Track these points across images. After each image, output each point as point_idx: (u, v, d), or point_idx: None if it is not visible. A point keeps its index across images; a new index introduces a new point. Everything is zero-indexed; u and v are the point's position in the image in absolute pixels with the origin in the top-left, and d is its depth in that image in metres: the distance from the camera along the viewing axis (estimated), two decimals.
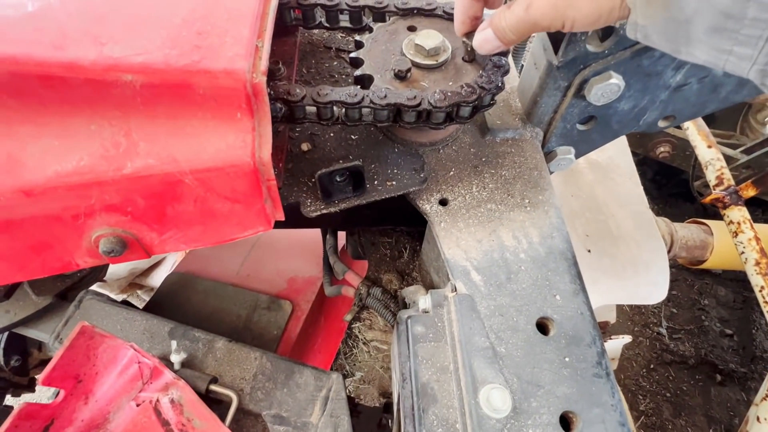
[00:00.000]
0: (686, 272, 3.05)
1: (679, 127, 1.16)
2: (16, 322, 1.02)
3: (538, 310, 0.63)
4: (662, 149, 2.08)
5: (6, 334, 1.22)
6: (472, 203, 0.73)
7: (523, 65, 0.92)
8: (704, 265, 1.33)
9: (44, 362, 1.44)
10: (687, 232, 1.29)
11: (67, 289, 1.08)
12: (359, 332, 2.34)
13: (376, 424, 1.32)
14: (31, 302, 1.04)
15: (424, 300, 0.66)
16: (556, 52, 0.68)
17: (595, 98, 0.69)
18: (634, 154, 2.85)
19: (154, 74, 0.52)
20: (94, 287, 1.68)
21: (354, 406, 1.30)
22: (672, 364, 2.68)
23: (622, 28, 0.62)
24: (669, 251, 1.29)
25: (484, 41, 0.60)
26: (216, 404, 0.84)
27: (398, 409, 0.63)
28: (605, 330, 1.37)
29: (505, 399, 0.55)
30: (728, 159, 2.01)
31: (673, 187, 2.92)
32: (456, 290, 0.65)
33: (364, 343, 2.32)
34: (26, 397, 0.63)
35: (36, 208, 0.54)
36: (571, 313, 0.63)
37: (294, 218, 0.71)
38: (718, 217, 2.66)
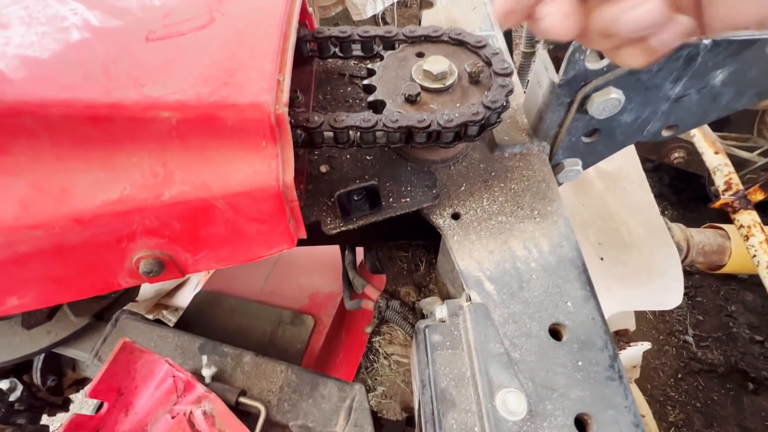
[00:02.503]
0: (711, 278, 2.98)
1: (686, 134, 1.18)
2: (58, 342, 1.08)
3: (550, 316, 0.66)
4: (677, 155, 2.08)
5: (42, 356, 1.29)
6: (484, 216, 0.76)
7: (529, 81, 0.96)
8: (723, 270, 1.32)
9: (78, 382, 1.51)
10: (703, 237, 1.29)
11: (103, 310, 1.14)
12: (380, 347, 2.36)
13: None
14: (70, 323, 1.10)
15: (440, 310, 0.69)
16: (557, 70, 0.72)
17: (597, 112, 0.73)
18: (648, 160, 2.86)
19: (188, 110, 0.58)
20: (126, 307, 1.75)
21: (377, 420, 1.32)
22: (701, 373, 2.62)
23: None
24: (686, 257, 1.29)
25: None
26: (245, 416, 0.88)
27: (419, 415, 0.66)
28: (625, 337, 1.37)
29: (521, 402, 0.58)
30: (746, 162, 2.00)
31: (691, 192, 2.89)
32: (470, 300, 0.68)
33: (384, 357, 2.34)
34: (74, 408, 0.68)
35: (85, 234, 0.59)
36: (582, 318, 0.66)
37: (315, 236, 0.75)
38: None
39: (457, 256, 0.72)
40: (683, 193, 2.96)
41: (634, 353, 1.17)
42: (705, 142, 1.10)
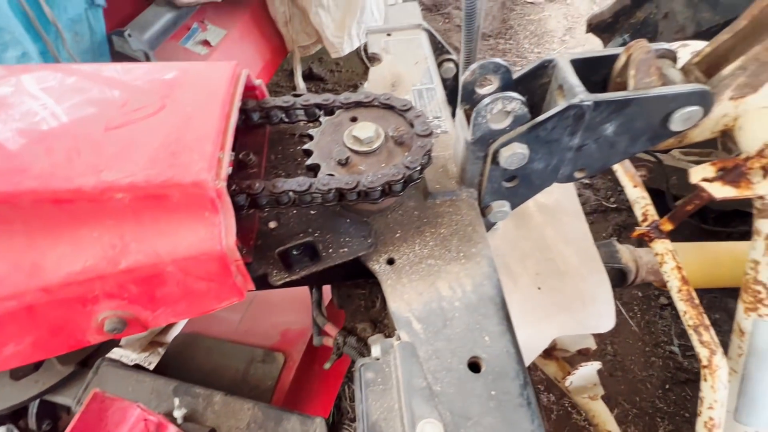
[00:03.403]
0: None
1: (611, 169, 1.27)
2: (45, 390, 1.16)
3: (470, 351, 0.74)
4: (640, 173, 2.16)
5: (37, 402, 1.36)
6: (415, 260, 0.85)
7: None
8: None
9: None
10: (651, 257, 1.37)
11: (87, 357, 1.22)
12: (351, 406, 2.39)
13: None
14: (56, 371, 1.18)
15: (375, 348, 0.78)
16: (469, 129, 0.82)
17: (507, 164, 0.82)
18: (616, 182, 2.94)
19: (139, 191, 0.68)
20: (120, 346, 1.83)
21: None
22: (688, 383, 2.65)
23: (513, 111, 0.76)
24: (636, 277, 1.37)
25: None
26: None
27: None
28: (587, 356, 1.43)
29: (438, 430, 0.66)
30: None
31: (659, 209, 2.97)
32: (400, 338, 0.76)
33: (351, 421, 2.37)
34: None
35: (53, 300, 0.69)
36: (498, 351, 0.74)
37: (265, 284, 0.84)
38: (720, 237, 2.68)
39: (390, 299, 0.80)
40: (657, 210, 3.04)
41: (588, 372, 1.24)
42: (626, 176, 1.20)
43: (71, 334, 0.73)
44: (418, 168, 0.80)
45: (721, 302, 2.95)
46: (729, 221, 2.70)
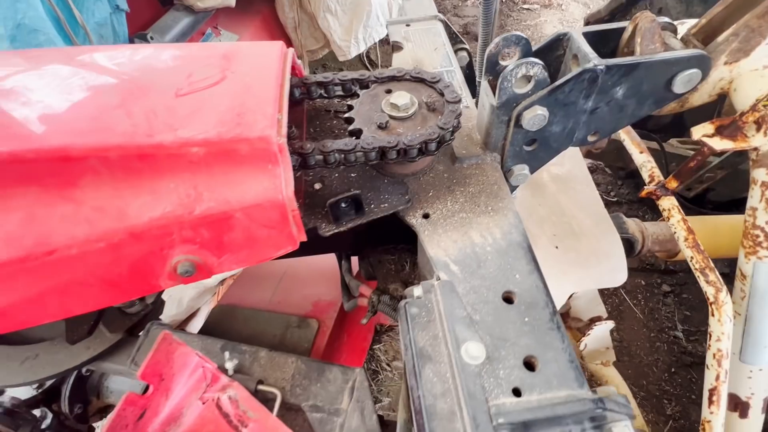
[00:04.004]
0: (694, 276, 3.13)
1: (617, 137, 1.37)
2: (96, 356, 1.24)
3: (503, 286, 0.83)
4: None
5: (70, 384, 1.42)
6: (448, 214, 0.94)
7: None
8: (679, 257, 1.49)
9: (101, 410, 1.65)
10: (657, 228, 1.47)
11: (133, 326, 1.30)
12: (383, 355, 2.48)
13: None
14: (106, 338, 1.26)
15: (417, 289, 0.86)
16: (494, 95, 0.92)
17: (529, 126, 0.92)
18: (619, 168, 3.06)
19: (212, 145, 0.77)
20: None
21: (383, 422, 1.45)
22: (693, 366, 2.73)
23: (535, 76, 0.86)
24: (642, 247, 1.47)
25: None
26: (263, 401, 1.03)
27: (404, 371, 0.82)
28: (597, 322, 1.52)
29: (481, 349, 0.74)
30: (704, 163, 2.20)
31: None
32: (439, 279, 0.85)
33: (387, 365, 2.46)
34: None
35: (136, 244, 0.77)
36: (528, 286, 0.83)
37: (315, 243, 0.93)
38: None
39: (428, 247, 0.90)
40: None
41: (601, 333, 1.33)
42: (632, 144, 1.30)
43: (147, 277, 0.82)
44: (451, 129, 0.90)
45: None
46: (727, 210, 2.81)
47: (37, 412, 1.48)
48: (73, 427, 1.59)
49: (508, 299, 0.82)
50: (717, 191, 2.55)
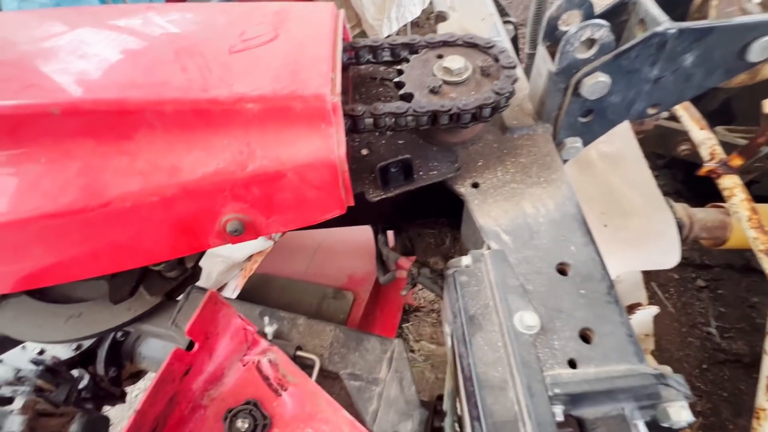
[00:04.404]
0: (732, 270, 3.02)
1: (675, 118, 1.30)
2: (137, 317, 1.26)
3: (557, 257, 0.80)
4: (683, 147, 2.18)
5: (106, 348, 1.46)
6: (498, 184, 0.92)
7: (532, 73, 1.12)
8: (727, 245, 1.43)
9: (134, 375, 1.69)
10: (705, 214, 1.41)
11: (172, 290, 1.32)
12: (409, 335, 2.48)
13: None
14: (146, 301, 1.28)
15: (465, 259, 0.84)
16: (553, 61, 0.88)
17: (588, 94, 0.88)
18: (659, 156, 2.95)
19: (267, 102, 0.76)
20: None
21: None
22: (726, 363, 2.65)
23: (600, 39, 0.82)
24: (689, 233, 1.40)
25: None
26: (302, 367, 1.03)
27: (452, 341, 0.81)
28: (636, 309, 1.47)
29: (535, 319, 0.72)
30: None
31: (704, 188, 2.96)
32: (490, 248, 0.83)
33: (412, 351, 2.46)
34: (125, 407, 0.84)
35: (189, 200, 0.77)
36: (584, 258, 0.80)
37: (354, 214, 0.91)
38: None
39: (478, 216, 0.87)
40: (699, 187, 3.03)
41: (643, 318, 1.28)
42: (691, 120, 1.24)
43: (197, 234, 0.82)
44: (506, 95, 0.86)
45: (761, 286, 2.93)
46: None
47: (74, 373, 1.53)
48: (108, 389, 1.64)
49: (562, 271, 0.80)
50: (762, 184, 2.44)
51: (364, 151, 0.96)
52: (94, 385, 1.57)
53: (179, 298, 1.25)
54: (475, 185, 0.92)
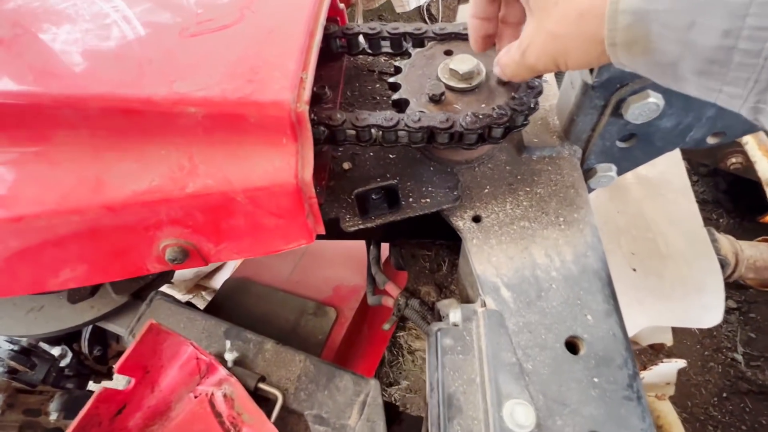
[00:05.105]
0: (766, 294, 2.77)
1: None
2: (99, 317, 1.16)
3: (568, 328, 0.64)
4: (734, 160, 1.93)
5: (90, 327, 1.39)
6: (506, 220, 0.74)
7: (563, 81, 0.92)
8: None
9: (121, 353, 1.61)
10: (755, 251, 1.20)
11: (140, 289, 1.21)
12: (405, 342, 2.37)
13: None
14: (111, 300, 1.17)
15: (454, 313, 0.68)
16: (591, 71, 0.68)
17: (632, 117, 0.69)
18: (703, 165, 2.66)
19: (213, 106, 0.60)
20: (164, 288, 1.85)
21: (398, 414, 1.33)
22: (749, 394, 2.45)
23: None
24: (733, 271, 1.20)
25: (499, 74, 0.63)
26: (263, 401, 0.91)
27: (426, 417, 0.66)
28: (662, 352, 1.30)
29: (529, 415, 0.56)
30: None
31: (749, 200, 2.68)
32: (485, 305, 0.67)
33: (409, 353, 2.34)
34: (104, 383, 0.74)
35: (116, 221, 0.63)
36: (602, 333, 0.63)
37: (337, 231, 0.76)
38: None
39: (475, 260, 0.70)
40: (741, 201, 2.75)
41: (667, 370, 1.11)
42: (759, 150, 1.02)
43: (131, 259, 0.68)
44: (526, 111, 0.68)
45: None
46: None
47: (57, 350, 1.46)
48: (93, 368, 1.57)
49: (572, 347, 0.63)
50: None
51: (347, 165, 0.79)
52: (77, 362, 1.51)
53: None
54: (477, 219, 0.75)
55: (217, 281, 2.31)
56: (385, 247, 1.23)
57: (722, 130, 0.73)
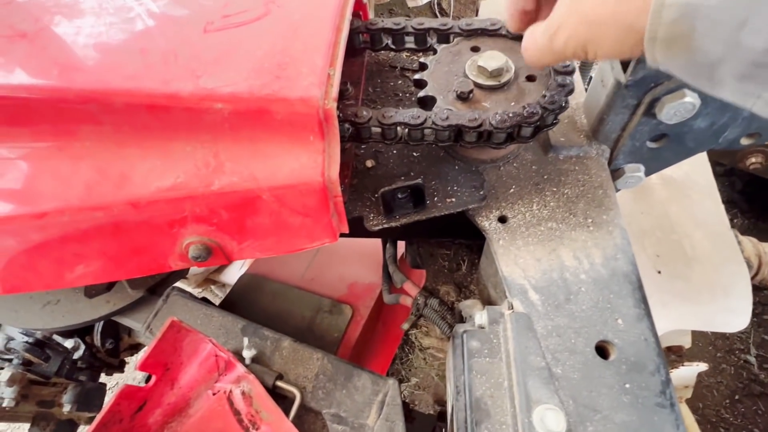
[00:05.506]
0: None
1: None
2: (115, 311, 1.16)
3: (598, 333, 0.62)
4: (753, 160, 1.89)
5: (103, 321, 1.39)
6: (532, 221, 0.73)
7: (591, 77, 0.90)
8: None
9: (133, 346, 1.62)
10: None
11: (156, 285, 1.21)
12: (416, 339, 2.36)
13: None
14: (127, 295, 1.17)
15: (480, 315, 0.67)
16: (624, 69, 0.67)
17: (667, 117, 0.67)
18: (719, 164, 2.63)
19: (240, 103, 0.59)
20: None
21: (408, 412, 1.33)
22: (761, 397, 2.42)
23: None
24: (756, 274, 1.18)
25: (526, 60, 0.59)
26: (281, 399, 0.90)
27: (451, 420, 0.65)
28: (680, 355, 1.28)
29: (560, 421, 0.55)
30: None
31: (765, 201, 2.64)
32: (513, 308, 0.65)
33: (420, 350, 2.34)
34: (124, 378, 0.73)
35: (140, 218, 0.62)
36: (633, 338, 0.62)
37: (357, 229, 0.75)
38: None
39: (502, 262, 0.69)
40: (758, 201, 2.71)
41: (687, 374, 1.10)
42: None
43: (154, 256, 0.68)
44: (557, 110, 0.66)
45: None
46: None
47: (70, 343, 1.47)
48: (105, 360, 1.58)
49: (603, 352, 0.62)
50: None
51: (370, 163, 0.78)
52: (90, 355, 1.52)
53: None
54: (503, 219, 0.73)
55: (228, 276, 2.31)
56: (400, 245, 1.21)
57: (757, 131, 0.71)
